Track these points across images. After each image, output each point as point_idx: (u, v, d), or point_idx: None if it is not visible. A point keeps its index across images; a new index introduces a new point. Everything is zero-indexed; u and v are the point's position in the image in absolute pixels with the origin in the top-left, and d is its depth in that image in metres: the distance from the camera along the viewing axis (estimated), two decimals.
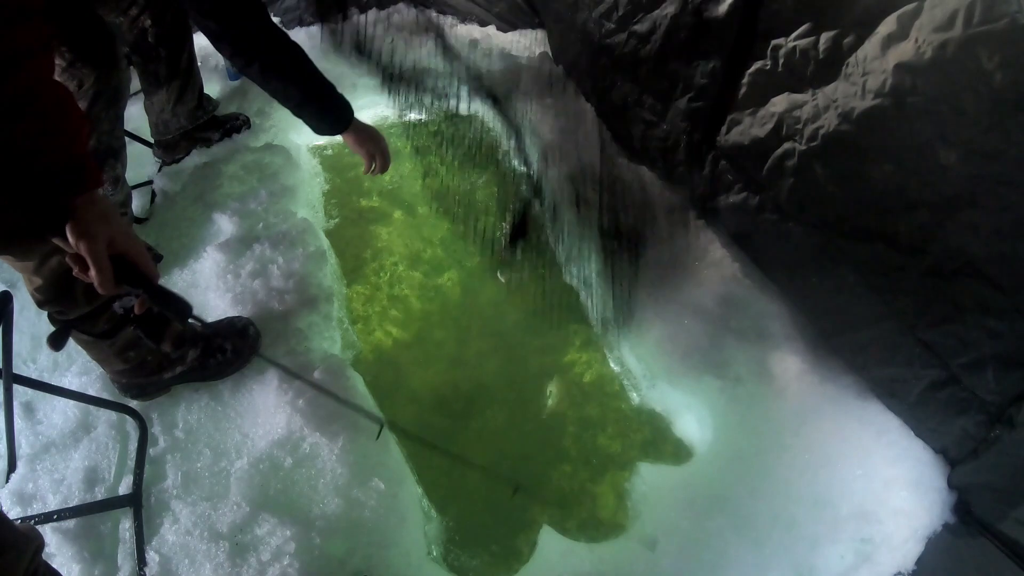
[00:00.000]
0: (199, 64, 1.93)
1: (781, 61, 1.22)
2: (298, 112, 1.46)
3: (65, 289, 1.07)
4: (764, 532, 1.24)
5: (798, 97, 1.21)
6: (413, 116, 2.41)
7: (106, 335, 1.22)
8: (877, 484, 1.25)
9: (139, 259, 0.86)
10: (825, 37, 1.11)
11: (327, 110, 1.48)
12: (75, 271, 0.82)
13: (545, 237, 1.91)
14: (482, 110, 2.37)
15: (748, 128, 1.36)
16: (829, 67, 1.12)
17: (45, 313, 1.15)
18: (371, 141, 1.59)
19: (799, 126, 1.22)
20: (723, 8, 1.31)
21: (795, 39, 1.17)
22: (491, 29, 2.49)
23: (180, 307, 0.89)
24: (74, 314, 1.14)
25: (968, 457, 1.20)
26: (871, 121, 1.05)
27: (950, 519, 1.22)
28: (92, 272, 0.80)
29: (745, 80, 1.33)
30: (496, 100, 2.19)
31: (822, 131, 1.16)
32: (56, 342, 0.99)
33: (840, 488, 1.26)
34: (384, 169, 1.64)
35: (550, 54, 2.27)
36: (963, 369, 1.11)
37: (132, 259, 0.85)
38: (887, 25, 0.98)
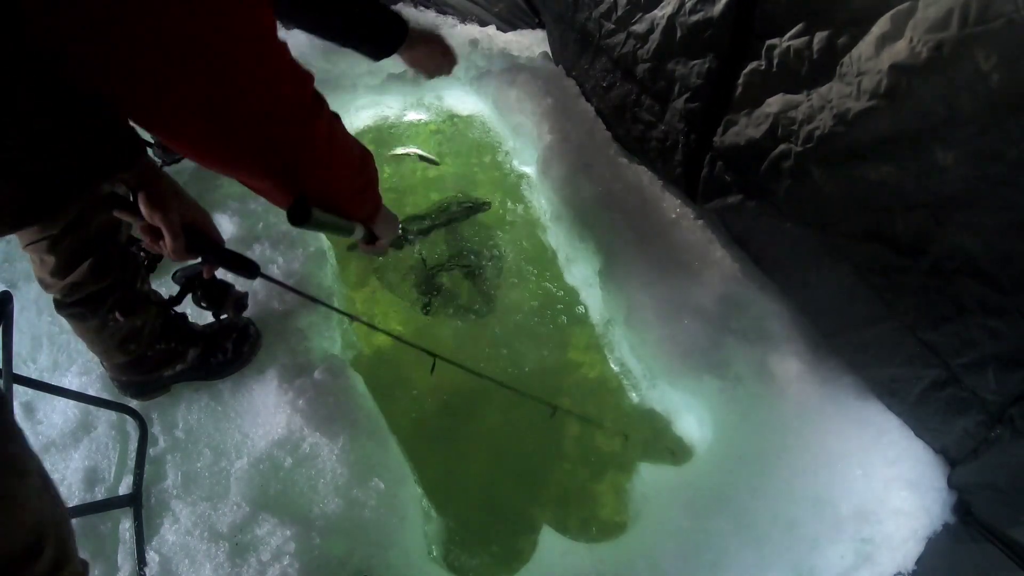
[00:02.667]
0: None
1: (776, 61, 1.22)
2: (346, 41, 1.35)
3: (74, 269, 1.10)
4: (764, 532, 1.24)
5: (793, 98, 1.21)
6: (413, 116, 2.42)
7: (173, 301, 1.26)
8: (877, 484, 1.25)
9: (207, 227, 0.95)
10: (819, 37, 1.11)
11: (377, 30, 1.37)
12: (145, 242, 0.91)
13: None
14: (482, 110, 2.37)
15: (744, 129, 1.36)
16: (823, 67, 1.12)
17: (45, 313, 1.15)
18: (435, 49, 1.46)
19: (794, 127, 1.21)
20: (718, 8, 1.31)
21: (789, 39, 1.17)
22: (491, 29, 2.50)
23: (248, 267, 0.96)
24: (81, 294, 1.14)
25: (968, 457, 1.20)
26: (866, 122, 1.05)
27: (950, 519, 1.22)
28: (166, 240, 0.89)
29: (740, 81, 1.33)
30: (496, 100, 2.19)
31: (817, 132, 1.16)
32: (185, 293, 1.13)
33: (840, 488, 1.26)
34: (454, 63, 1.52)
35: (550, 54, 2.27)
36: (963, 369, 1.11)
37: (200, 227, 0.94)
38: (881, 25, 0.97)
